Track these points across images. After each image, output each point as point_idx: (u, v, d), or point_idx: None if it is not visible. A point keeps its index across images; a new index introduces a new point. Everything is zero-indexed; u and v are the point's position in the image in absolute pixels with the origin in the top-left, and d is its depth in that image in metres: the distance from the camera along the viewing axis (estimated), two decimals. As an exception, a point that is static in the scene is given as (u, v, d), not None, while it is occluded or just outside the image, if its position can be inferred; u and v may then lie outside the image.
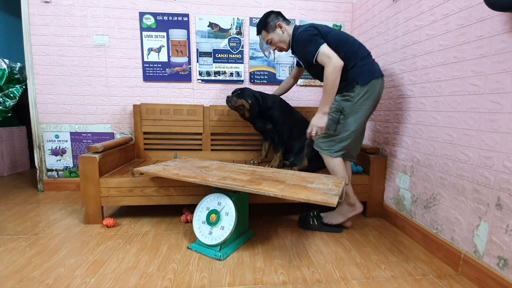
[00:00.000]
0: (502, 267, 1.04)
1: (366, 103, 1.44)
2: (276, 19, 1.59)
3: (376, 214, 1.81)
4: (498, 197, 1.05)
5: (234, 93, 1.88)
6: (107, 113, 2.27)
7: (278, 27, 1.58)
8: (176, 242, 1.44)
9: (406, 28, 1.59)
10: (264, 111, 1.86)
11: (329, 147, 1.50)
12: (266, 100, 1.87)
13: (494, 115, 1.07)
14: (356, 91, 1.42)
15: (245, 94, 1.83)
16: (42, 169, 2.28)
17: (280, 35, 1.58)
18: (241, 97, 1.82)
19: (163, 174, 1.46)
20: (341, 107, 1.45)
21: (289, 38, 1.58)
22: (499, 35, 1.05)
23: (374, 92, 1.44)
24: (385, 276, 1.18)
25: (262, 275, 1.17)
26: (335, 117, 1.46)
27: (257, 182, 1.28)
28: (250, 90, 1.87)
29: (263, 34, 1.63)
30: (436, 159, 1.36)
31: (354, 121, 1.45)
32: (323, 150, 1.52)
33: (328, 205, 1.05)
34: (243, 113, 1.89)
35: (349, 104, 1.43)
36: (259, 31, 1.65)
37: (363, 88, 1.41)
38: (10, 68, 2.72)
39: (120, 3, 2.17)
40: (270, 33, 1.60)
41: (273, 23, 1.58)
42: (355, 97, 1.42)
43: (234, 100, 1.81)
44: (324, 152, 1.52)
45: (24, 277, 1.12)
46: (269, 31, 1.60)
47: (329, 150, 1.50)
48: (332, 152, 1.49)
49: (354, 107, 1.43)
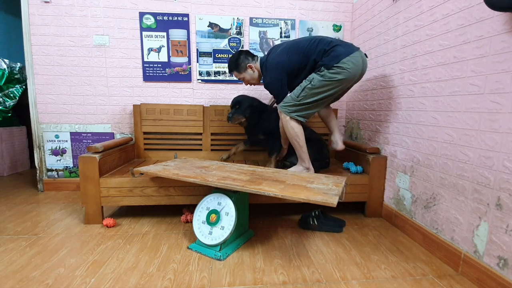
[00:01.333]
0: (502, 267, 1.04)
1: (336, 83, 1.51)
2: (246, 59, 1.76)
3: (376, 214, 1.81)
4: (498, 197, 1.05)
5: (232, 107, 1.91)
6: (107, 113, 2.27)
7: (248, 68, 1.76)
8: (176, 242, 1.44)
9: (406, 28, 1.59)
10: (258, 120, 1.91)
11: (289, 109, 1.58)
12: (261, 109, 1.92)
13: (494, 115, 1.07)
14: (325, 71, 1.50)
15: (243, 108, 1.88)
16: (42, 169, 2.28)
17: (251, 74, 1.78)
18: (239, 113, 1.87)
19: (163, 174, 1.46)
20: (312, 78, 1.53)
21: (258, 74, 1.78)
22: (499, 35, 1.05)
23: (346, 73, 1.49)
24: (385, 276, 1.18)
25: (262, 275, 1.17)
26: (303, 84, 1.55)
27: (257, 182, 1.28)
28: (247, 100, 1.90)
29: (235, 73, 1.80)
30: (436, 159, 1.36)
31: (317, 93, 1.53)
32: (282, 108, 1.60)
33: (328, 205, 1.05)
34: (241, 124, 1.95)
35: (318, 77, 1.52)
36: (231, 71, 1.81)
37: (331, 70, 1.49)
38: (10, 68, 2.72)
39: (120, 3, 2.17)
40: (242, 73, 1.78)
41: (243, 64, 1.75)
42: (325, 75, 1.50)
43: (235, 118, 1.87)
44: (283, 111, 1.59)
45: (24, 277, 1.12)
46: (240, 72, 1.78)
47: (287, 111, 1.58)
48: (289, 112, 1.58)
49: (323, 81, 1.51)
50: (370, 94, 2.00)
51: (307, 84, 1.53)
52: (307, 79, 1.55)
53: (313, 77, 1.53)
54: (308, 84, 1.52)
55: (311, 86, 1.52)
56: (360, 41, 2.17)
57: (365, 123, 2.09)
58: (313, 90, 1.52)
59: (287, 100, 1.60)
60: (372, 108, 1.98)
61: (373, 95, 1.97)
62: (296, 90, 1.57)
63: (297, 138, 1.60)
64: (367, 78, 2.04)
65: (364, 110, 2.10)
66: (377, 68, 1.91)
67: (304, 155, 1.65)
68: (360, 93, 2.17)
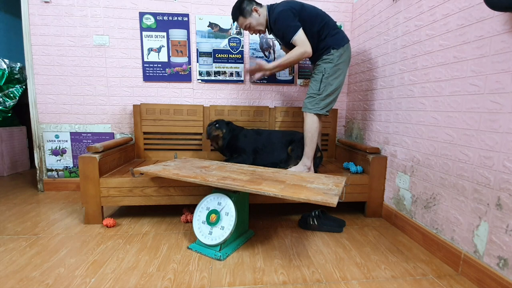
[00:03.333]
0: (502, 267, 1.04)
1: (343, 64, 1.66)
2: (250, 4, 1.67)
3: (376, 214, 1.81)
4: (498, 197, 1.05)
5: (210, 125, 1.95)
6: (107, 113, 2.27)
7: (254, 11, 1.67)
8: (176, 242, 1.44)
9: (406, 28, 1.59)
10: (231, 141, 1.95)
11: (315, 105, 1.66)
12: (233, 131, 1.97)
13: (494, 115, 1.07)
14: (334, 54, 1.62)
15: (220, 125, 1.94)
16: (42, 169, 2.28)
17: (257, 19, 1.68)
18: (218, 128, 1.92)
19: (163, 174, 1.46)
20: (323, 68, 1.64)
21: (265, 19, 1.69)
22: (499, 35, 1.05)
23: (347, 54, 1.67)
24: (385, 276, 1.18)
25: (262, 275, 1.17)
26: (318, 77, 1.66)
27: (257, 182, 1.28)
28: (223, 121, 1.97)
29: (241, 20, 1.70)
30: (436, 159, 1.36)
31: (335, 79, 1.65)
32: (310, 109, 1.68)
33: (328, 205, 1.05)
34: (217, 142, 1.96)
35: (329, 65, 1.63)
36: (236, 18, 1.71)
37: (338, 51, 1.63)
38: (10, 68, 2.72)
39: (120, 3, 2.17)
40: (247, 18, 1.68)
41: (248, 7, 1.67)
42: (334, 59, 1.62)
43: (213, 129, 1.91)
44: (311, 111, 1.67)
45: (24, 277, 1.12)
46: (246, 16, 1.68)
47: (315, 108, 1.66)
48: (319, 109, 1.66)
49: (334, 67, 1.63)
50: (370, 94, 2.00)
51: (321, 76, 1.64)
52: (319, 71, 1.66)
53: (323, 67, 1.64)
54: (323, 75, 1.64)
55: (327, 75, 1.63)
56: (360, 41, 2.17)
57: (365, 123, 2.09)
58: (329, 78, 1.64)
59: (310, 101, 1.69)
60: (372, 108, 1.98)
61: (373, 95, 1.97)
62: (314, 86, 1.67)
63: (314, 134, 1.67)
64: (367, 78, 2.04)
65: (364, 110, 2.10)
66: (377, 68, 1.91)
67: (311, 153, 1.70)
68: (360, 93, 2.17)
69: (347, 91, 2.42)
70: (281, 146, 1.91)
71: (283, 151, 1.90)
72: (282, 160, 1.90)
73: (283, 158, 1.90)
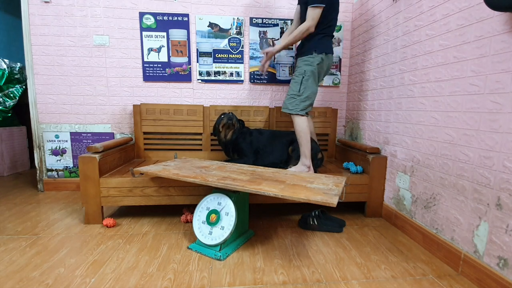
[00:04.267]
0: (502, 267, 1.04)
1: (321, 69, 1.74)
2: None
3: (376, 214, 1.81)
4: (498, 197, 1.05)
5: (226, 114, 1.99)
6: (107, 113, 2.27)
7: None
8: (176, 242, 1.44)
9: (406, 28, 1.59)
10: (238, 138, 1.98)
11: (295, 106, 1.72)
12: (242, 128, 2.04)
13: (494, 115, 1.07)
14: (314, 58, 1.70)
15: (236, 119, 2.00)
16: (42, 169, 2.28)
17: None
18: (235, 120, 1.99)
19: (163, 174, 1.46)
20: (303, 71, 1.71)
21: None
22: (499, 35, 1.05)
23: (326, 63, 1.74)
24: (385, 276, 1.18)
25: (262, 275, 1.17)
26: (298, 79, 1.72)
27: (257, 182, 1.28)
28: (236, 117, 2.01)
29: None
30: (436, 159, 1.36)
31: (312, 83, 1.72)
32: (290, 110, 1.73)
33: (328, 205, 1.05)
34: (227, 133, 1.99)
35: (309, 68, 1.70)
36: None
37: (319, 56, 1.70)
38: (10, 68, 2.72)
39: (120, 3, 2.17)
40: None
41: None
42: (314, 62, 1.70)
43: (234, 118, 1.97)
44: (291, 112, 1.73)
45: (24, 277, 1.12)
46: None
47: (295, 109, 1.72)
48: (299, 110, 1.71)
49: (314, 71, 1.70)
50: (370, 94, 2.00)
51: (301, 78, 1.71)
52: (299, 72, 1.72)
53: (304, 69, 1.71)
54: (303, 77, 1.71)
55: (307, 77, 1.70)
56: (360, 41, 2.17)
57: (365, 123, 2.09)
58: (308, 81, 1.71)
59: (290, 101, 1.73)
60: (372, 108, 1.98)
61: (373, 95, 1.97)
62: (294, 87, 1.73)
63: (306, 133, 1.70)
64: (367, 78, 2.05)
65: (364, 110, 2.10)
66: (377, 68, 1.91)
67: (308, 152, 1.70)
68: (360, 93, 2.17)
69: (347, 91, 2.42)
70: (281, 146, 1.91)
71: (284, 151, 1.90)
72: (283, 160, 1.90)
73: (283, 158, 1.90)
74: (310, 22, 1.65)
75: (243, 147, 1.94)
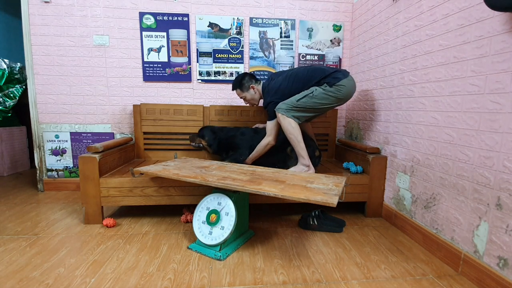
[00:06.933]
0: (502, 267, 1.04)
1: (333, 98, 1.69)
2: (249, 81, 1.91)
3: (376, 214, 1.81)
4: (498, 197, 1.05)
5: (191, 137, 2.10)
6: (107, 113, 2.27)
7: (251, 88, 1.91)
8: (176, 242, 1.44)
9: (406, 28, 1.59)
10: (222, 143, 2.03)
11: (286, 108, 1.69)
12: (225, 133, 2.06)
13: (494, 115, 1.07)
14: (327, 88, 1.68)
15: (203, 133, 2.05)
16: (42, 169, 2.28)
17: (252, 94, 1.92)
18: (199, 135, 2.05)
19: (163, 174, 1.46)
20: (314, 89, 1.69)
21: (259, 95, 1.93)
22: (499, 35, 1.05)
23: (343, 93, 1.68)
24: (385, 276, 1.18)
25: (262, 275, 1.17)
26: (305, 93, 1.70)
27: (257, 182, 1.28)
28: (208, 128, 2.07)
29: (238, 91, 1.94)
30: (436, 159, 1.36)
31: (317, 103, 1.69)
32: (279, 109, 1.70)
33: (328, 205, 1.05)
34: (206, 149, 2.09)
35: (320, 90, 1.69)
36: (235, 88, 1.95)
37: (333, 87, 1.67)
38: (10, 68, 2.72)
39: (120, 3, 2.17)
40: (244, 92, 1.92)
41: (247, 84, 1.90)
42: (327, 90, 1.68)
43: (192, 138, 2.08)
44: (279, 111, 1.69)
45: (24, 277, 1.12)
46: (243, 90, 1.92)
47: (284, 110, 1.69)
48: (285, 111, 1.69)
49: (322, 94, 1.68)
50: (370, 94, 2.00)
51: (309, 93, 1.68)
52: (309, 89, 1.70)
53: (315, 88, 1.69)
54: (310, 93, 1.68)
55: (312, 95, 1.68)
56: (360, 41, 2.17)
57: (365, 123, 2.09)
58: (313, 99, 1.68)
59: (286, 101, 1.71)
60: (372, 108, 1.98)
61: (373, 95, 1.97)
62: (298, 96, 1.70)
63: (294, 133, 1.68)
64: (367, 78, 2.05)
65: (364, 110, 2.10)
66: (377, 68, 1.91)
67: (303, 151, 1.69)
68: (360, 93, 2.17)
69: (347, 91, 2.42)
70: (279, 146, 1.91)
71: (282, 151, 1.90)
72: (280, 160, 1.90)
73: (281, 158, 1.90)
74: (269, 137, 1.78)
75: (235, 144, 1.98)
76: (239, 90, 1.92)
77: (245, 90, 1.91)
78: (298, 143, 1.68)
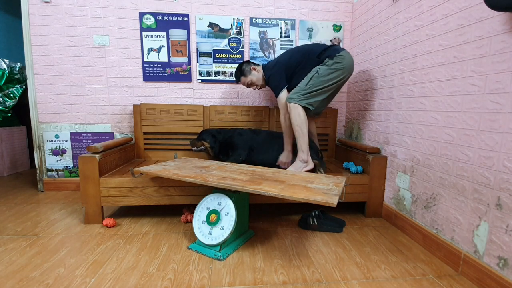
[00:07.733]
0: (502, 267, 1.04)
1: (338, 70, 1.70)
2: (249, 65, 1.93)
3: (376, 214, 1.81)
4: (498, 197, 1.05)
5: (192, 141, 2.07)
6: (107, 113, 2.27)
7: (252, 70, 1.92)
8: (176, 242, 1.44)
9: (406, 28, 1.59)
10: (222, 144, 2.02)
11: (298, 97, 1.70)
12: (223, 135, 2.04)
13: (494, 115, 1.07)
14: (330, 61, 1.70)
15: (203, 136, 2.03)
16: (42, 169, 2.28)
17: (256, 75, 1.92)
18: (200, 139, 2.03)
19: (163, 174, 1.46)
20: (317, 68, 1.71)
21: (262, 75, 1.93)
22: (499, 35, 1.05)
23: (346, 61, 1.70)
24: (385, 276, 1.18)
25: (262, 275, 1.17)
26: (310, 75, 1.71)
27: (257, 182, 1.28)
28: (208, 131, 2.05)
29: (243, 79, 1.95)
30: (436, 159, 1.36)
31: (324, 81, 1.69)
32: (291, 99, 1.70)
33: (328, 205, 1.05)
34: (208, 152, 2.06)
35: (324, 67, 1.70)
36: (238, 79, 1.96)
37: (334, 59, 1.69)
38: (10, 68, 2.72)
39: (120, 3, 2.17)
40: (248, 76, 1.92)
41: (247, 68, 1.92)
42: (330, 64, 1.69)
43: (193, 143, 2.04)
44: (292, 101, 1.70)
45: (24, 277, 1.12)
46: (246, 75, 1.92)
47: (297, 99, 1.69)
48: (299, 100, 1.69)
49: (328, 70, 1.69)
50: (370, 94, 2.00)
51: (314, 73, 1.70)
52: (313, 70, 1.71)
53: (318, 67, 1.71)
54: (315, 74, 1.69)
55: (318, 74, 1.69)
56: (360, 41, 2.17)
57: (365, 123, 2.09)
58: (320, 77, 1.69)
59: (295, 91, 1.72)
60: (372, 108, 1.98)
61: (373, 95, 1.97)
62: (304, 81, 1.72)
63: (302, 126, 1.68)
64: (367, 78, 2.05)
65: (364, 110, 2.10)
66: (377, 68, 1.91)
67: (305, 145, 1.69)
68: (360, 93, 2.17)
69: (347, 91, 2.42)
70: (278, 146, 1.91)
71: (280, 151, 1.90)
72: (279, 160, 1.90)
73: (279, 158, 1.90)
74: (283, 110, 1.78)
75: (234, 145, 1.98)
76: (243, 77, 1.93)
77: (248, 74, 1.92)
78: (303, 136, 1.68)
